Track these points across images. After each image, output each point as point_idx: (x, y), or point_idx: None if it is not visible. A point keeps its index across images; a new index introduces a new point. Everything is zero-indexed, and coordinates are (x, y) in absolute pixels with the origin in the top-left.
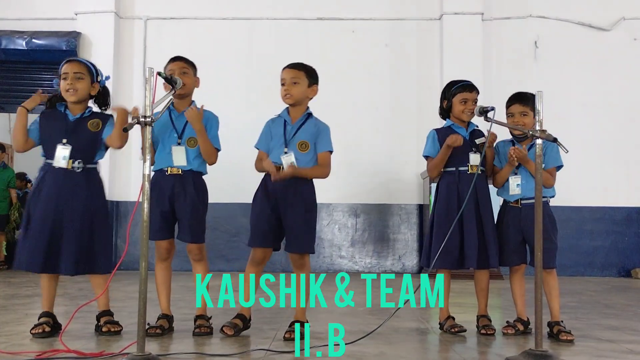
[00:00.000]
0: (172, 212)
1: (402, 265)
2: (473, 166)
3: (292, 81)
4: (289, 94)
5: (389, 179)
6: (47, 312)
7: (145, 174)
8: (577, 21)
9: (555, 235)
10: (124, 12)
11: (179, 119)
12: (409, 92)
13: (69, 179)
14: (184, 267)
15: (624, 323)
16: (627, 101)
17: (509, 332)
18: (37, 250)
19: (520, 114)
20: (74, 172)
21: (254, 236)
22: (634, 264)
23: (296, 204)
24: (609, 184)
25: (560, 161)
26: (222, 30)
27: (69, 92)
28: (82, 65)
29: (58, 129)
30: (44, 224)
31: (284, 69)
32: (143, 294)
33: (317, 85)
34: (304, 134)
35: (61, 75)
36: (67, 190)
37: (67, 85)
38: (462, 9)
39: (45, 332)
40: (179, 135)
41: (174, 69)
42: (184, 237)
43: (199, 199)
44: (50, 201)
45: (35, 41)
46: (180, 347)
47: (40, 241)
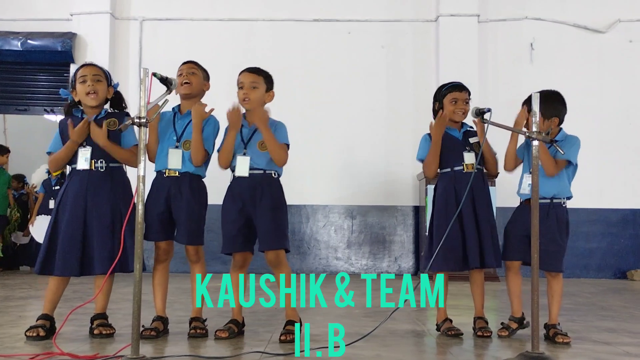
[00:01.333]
0: (169, 214)
1: (398, 266)
2: (468, 165)
3: (251, 85)
4: (247, 98)
5: (385, 181)
6: (47, 315)
7: (140, 175)
8: (572, 23)
9: (563, 238)
10: (120, 13)
11: (180, 121)
12: (405, 94)
13: (94, 179)
14: (180, 268)
15: (620, 325)
16: (623, 103)
17: (502, 335)
18: (71, 254)
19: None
20: (97, 172)
21: (224, 242)
22: (630, 266)
23: (264, 203)
24: (605, 186)
25: (574, 158)
26: (218, 31)
27: (89, 95)
28: (98, 69)
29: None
30: (74, 227)
31: (242, 73)
32: (137, 296)
33: (273, 90)
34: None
35: (78, 79)
36: (92, 190)
37: (88, 87)
38: (458, 10)
39: (39, 337)
40: (178, 137)
41: (183, 69)
42: (180, 238)
43: (195, 200)
44: (78, 203)
45: (30, 42)
46: (175, 350)
47: (73, 245)
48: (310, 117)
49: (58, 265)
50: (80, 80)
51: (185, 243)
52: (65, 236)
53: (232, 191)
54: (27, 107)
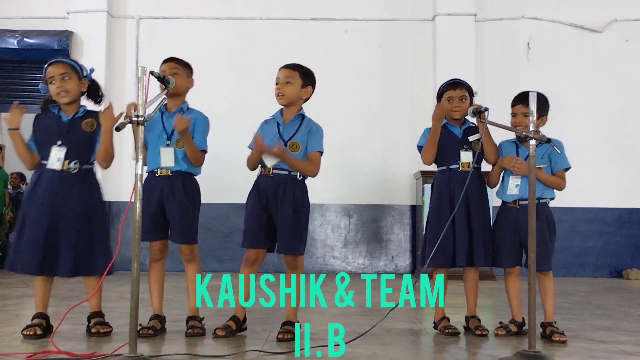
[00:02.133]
0: (162, 213)
1: (395, 265)
2: (464, 164)
3: (285, 80)
4: (281, 93)
5: (382, 180)
6: (41, 314)
7: (138, 173)
8: (569, 22)
9: (552, 237)
10: (117, 11)
11: (169, 119)
12: (402, 93)
13: (65, 180)
14: (176, 267)
15: (616, 324)
16: (618, 102)
17: (499, 334)
18: (34, 252)
19: (522, 114)
20: (69, 173)
21: (246, 237)
22: (626, 265)
23: (286, 204)
24: (601, 185)
25: (568, 163)
26: (215, 30)
27: (60, 95)
28: (66, 65)
29: (52, 130)
30: (39, 226)
31: (280, 69)
32: (135, 294)
33: (312, 87)
34: (297, 135)
35: (47, 80)
36: (62, 192)
37: (57, 88)
38: (455, 10)
39: (36, 335)
40: (168, 136)
41: (165, 69)
42: (174, 237)
43: (188, 199)
44: (46, 203)
45: (26, 40)
46: (172, 348)
47: (37, 243)
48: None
49: (19, 262)
50: (49, 81)
51: (179, 242)
52: (29, 235)
53: (258, 187)
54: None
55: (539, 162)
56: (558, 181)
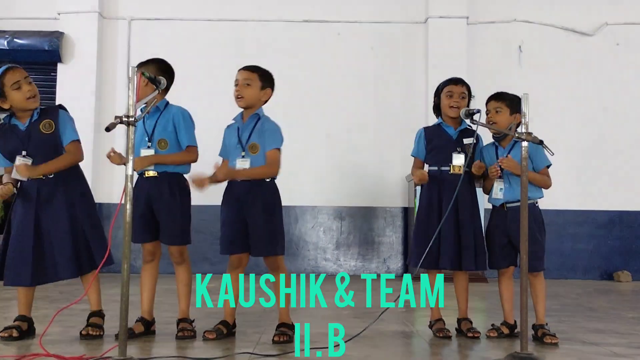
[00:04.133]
0: (152, 215)
1: (387, 268)
2: (455, 167)
3: (244, 82)
4: (240, 96)
5: (373, 182)
6: (23, 317)
7: (128, 174)
8: (560, 26)
9: (542, 237)
10: (108, 12)
11: (149, 120)
12: (394, 95)
13: (45, 187)
14: (167, 269)
15: (608, 326)
16: (609, 105)
17: (491, 335)
18: (23, 262)
19: (494, 110)
20: (47, 179)
21: (221, 243)
22: (616, 267)
23: (257, 207)
24: (591, 188)
25: (549, 160)
26: (207, 31)
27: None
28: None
29: (14, 143)
30: (24, 237)
31: (239, 70)
32: (125, 296)
33: (271, 89)
34: (253, 136)
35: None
36: (44, 199)
37: (29, 92)
38: (448, 12)
39: (12, 337)
40: (149, 137)
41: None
42: (163, 239)
43: (175, 200)
44: (28, 213)
45: (17, 41)
46: (162, 351)
47: (24, 256)
48: (298, 118)
49: (7, 275)
50: (15, 87)
51: (167, 243)
52: (16, 247)
53: (230, 193)
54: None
55: None
56: (545, 179)
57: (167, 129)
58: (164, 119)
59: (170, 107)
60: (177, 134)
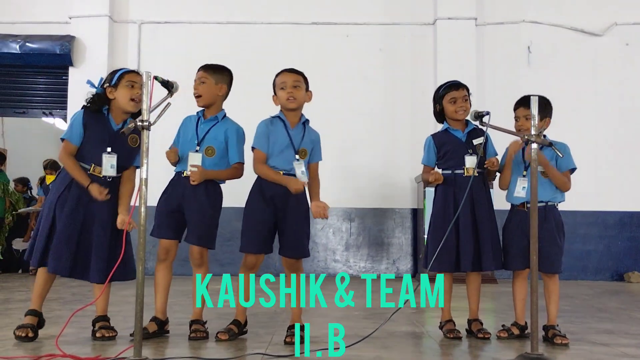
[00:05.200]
0: (181, 214)
1: (397, 269)
2: (469, 169)
3: (294, 84)
4: (292, 97)
5: (383, 184)
6: (35, 311)
7: (143, 178)
8: (569, 26)
9: (562, 240)
10: (118, 16)
11: (203, 125)
12: (403, 97)
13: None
14: (179, 271)
15: (618, 326)
16: (619, 106)
17: (502, 336)
18: (65, 253)
19: (524, 118)
20: (105, 180)
21: (250, 242)
22: (627, 268)
23: (296, 211)
24: (602, 189)
25: (573, 163)
26: (217, 34)
27: (132, 102)
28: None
29: (101, 135)
30: (72, 229)
31: (282, 73)
32: (140, 297)
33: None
34: (305, 141)
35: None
36: (94, 200)
37: (135, 94)
38: (456, 14)
39: (27, 337)
40: (198, 142)
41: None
42: (190, 238)
43: (209, 203)
44: (80, 206)
45: (29, 45)
46: (176, 352)
47: (69, 245)
48: None
49: (50, 262)
50: (129, 85)
51: (194, 243)
52: (62, 236)
53: (263, 193)
54: (25, 110)
55: None
56: (564, 180)
57: (218, 139)
58: (218, 129)
59: (227, 119)
60: (227, 147)
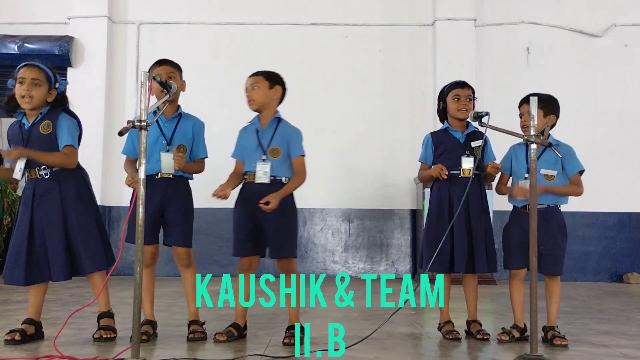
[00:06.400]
0: (160, 217)
1: (396, 270)
2: (465, 170)
3: (251, 87)
4: (250, 100)
5: (382, 185)
6: (31, 320)
7: (141, 178)
8: (568, 27)
9: (564, 242)
10: (117, 16)
11: (167, 125)
12: (402, 98)
13: (40, 187)
14: (177, 272)
15: (617, 328)
16: (618, 107)
17: (503, 339)
18: (18, 262)
19: (527, 114)
20: (43, 179)
21: (235, 245)
22: (626, 269)
23: (279, 211)
24: (601, 190)
25: (581, 165)
26: (216, 35)
27: (24, 98)
28: (40, 71)
29: (18, 141)
30: (22, 236)
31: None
32: (138, 298)
33: (279, 85)
34: (275, 139)
35: (17, 79)
36: (39, 198)
37: (24, 91)
38: (455, 15)
39: (14, 341)
40: (168, 142)
41: (161, 73)
42: (174, 241)
43: (189, 202)
44: (26, 212)
45: (27, 45)
46: (174, 353)
47: (20, 254)
48: (306, 120)
49: (5, 274)
50: (19, 81)
51: (180, 245)
52: (14, 246)
53: (243, 195)
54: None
55: (551, 168)
56: (574, 189)
57: (187, 135)
58: (184, 126)
59: (188, 115)
60: (193, 143)
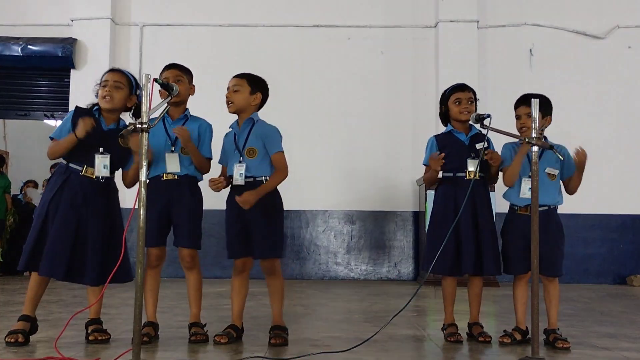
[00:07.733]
0: (166, 219)
1: (398, 272)
2: (471, 172)
3: (233, 89)
4: (230, 101)
5: (384, 186)
6: (27, 317)
7: (142, 180)
8: (571, 29)
9: (562, 243)
10: (120, 18)
11: (173, 126)
12: (404, 100)
13: (94, 188)
14: (180, 274)
15: (620, 330)
16: (621, 109)
17: (505, 341)
18: (60, 256)
19: (525, 115)
20: (98, 181)
21: (227, 247)
22: (629, 271)
23: (257, 210)
24: (604, 192)
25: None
26: (219, 37)
27: (105, 99)
28: (122, 75)
29: (92, 135)
30: (67, 230)
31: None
32: (139, 300)
33: (260, 93)
34: (251, 139)
35: (101, 83)
36: (91, 199)
37: (105, 92)
38: (458, 16)
39: (18, 343)
40: (173, 142)
41: (169, 76)
42: (182, 242)
43: (195, 203)
44: (73, 209)
45: (30, 47)
46: (175, 355)
47: (64, 248)
48: (309, 122)
49: (44, 265)
50: (102, 85)
51: (186, 246)
52: (56, 239)
53: (229, 198)
54: (27, 112)
55: (553, 166)
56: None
57: (192, 136)
58: (189, 127)
59: (195, 117)
60: (199, 144)
